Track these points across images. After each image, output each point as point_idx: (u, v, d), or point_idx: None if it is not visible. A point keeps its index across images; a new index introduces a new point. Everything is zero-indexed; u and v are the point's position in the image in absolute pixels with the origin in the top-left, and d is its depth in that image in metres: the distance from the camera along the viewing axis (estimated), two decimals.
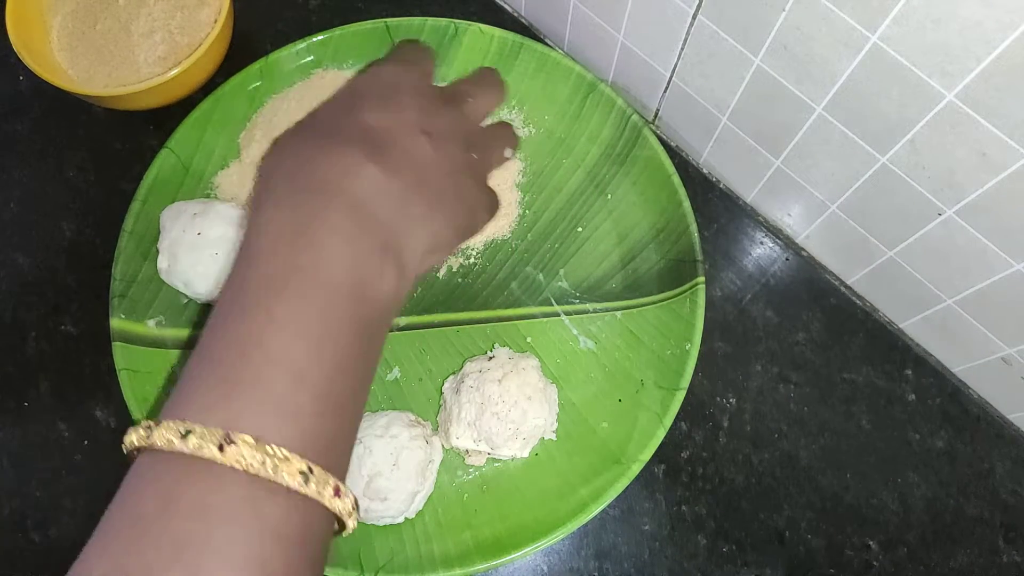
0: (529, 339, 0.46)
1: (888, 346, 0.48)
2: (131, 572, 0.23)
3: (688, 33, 0.43)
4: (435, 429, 0.44)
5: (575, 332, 0.46)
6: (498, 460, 0.43)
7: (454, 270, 0.48)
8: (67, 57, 0.50)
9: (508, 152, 0.39)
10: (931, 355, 0.48)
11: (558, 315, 0.47)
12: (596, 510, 0.41)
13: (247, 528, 0.24)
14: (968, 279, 0.40)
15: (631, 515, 0.44)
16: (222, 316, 0.28)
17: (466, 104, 0.37)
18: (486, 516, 0.42)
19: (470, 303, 0.47)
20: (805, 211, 0.47)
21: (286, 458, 0.25)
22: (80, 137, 0.52)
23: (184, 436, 0.25)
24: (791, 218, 0.49)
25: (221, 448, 0.24)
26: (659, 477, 0.45)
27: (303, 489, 0.25)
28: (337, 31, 0.51)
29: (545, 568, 0.43)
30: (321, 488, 0.26)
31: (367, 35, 0.51)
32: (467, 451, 0.43)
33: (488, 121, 0.39)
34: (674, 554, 0.43)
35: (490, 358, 0.43)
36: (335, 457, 0.28)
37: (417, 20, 0.51)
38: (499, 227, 0.49)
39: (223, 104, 0.49)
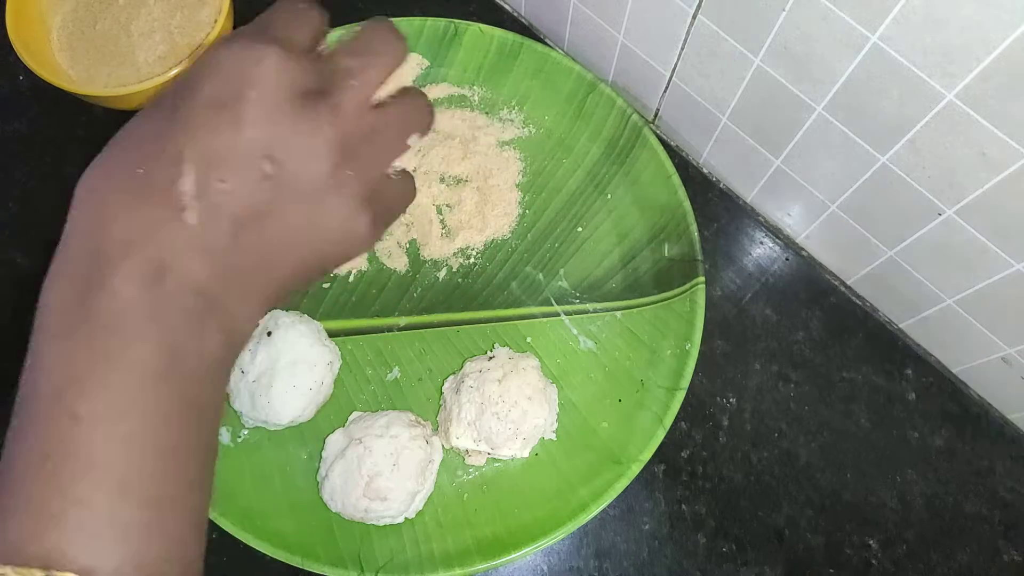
0: (529, 339, 0.46)
1: (888, 346, 0.48)
2: None
3: (688, 33, 0.43)
4: (435, 429, 0.44)
5: (575, 332, 0.46)
6: (498, 460, 0.43)
7: (454, 270, 0.48)
8: (67, 57, 0.50)
9: (413, 139, 0.30)
10: (931, 355, 0.48)
11: (558, 315, 0.47)
12: (596, 510, 0.41)
13: None
14: (968, 279, 0.40)
15: (631, 515, 0.44)
16: (23, 417, 0.24)
17: (346, 92, 0.27)
18: (486, 516, 0.42)
19: (470, 303, 0.47)
20: (805, 211, 0.47)
21: None
22: (80, 137, 0.52)
23: None
24: (791, 218, 0.49)
25: None
26: (659, 477, 0.45)
27: None
28: (337, 31, 0.51)
29: (545, 568, 0.43)
30: None
31: None
32: (467, 451, 0.43)
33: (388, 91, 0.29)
34: (674, 553, 0.43)
35: (490, 358, 0.43)
36: (183, 557, 0.24)
37: (417, 20, 0.51)
38: (499, 227, 0.49)
39: None
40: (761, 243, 0.50)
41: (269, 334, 0.42)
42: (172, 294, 0.25)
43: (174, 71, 0.46)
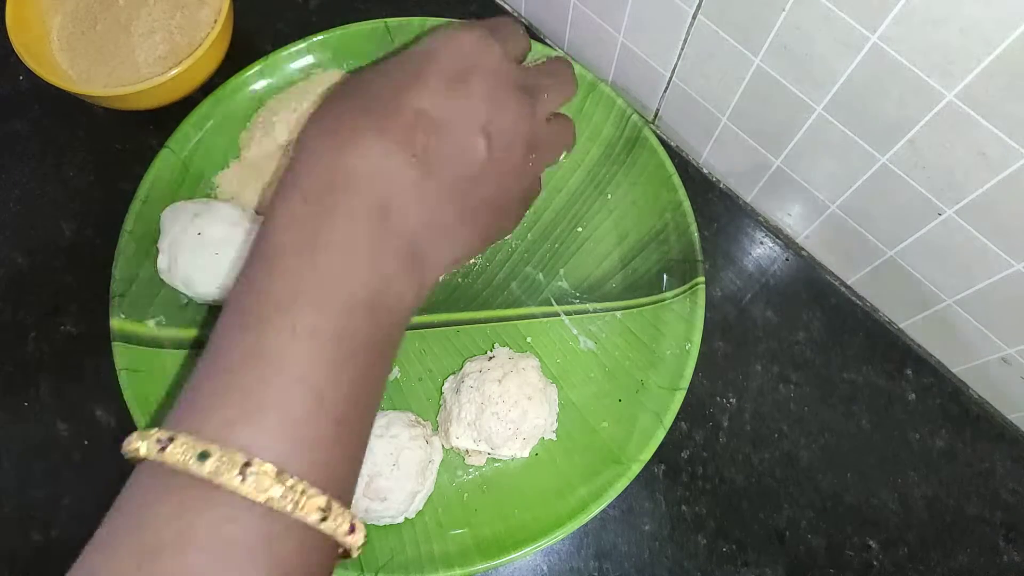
0: (529, 339, 0.46)
1: (888, 346, 0.48)
2: None
3: (688, 33, 0.43)
4: (435, 429, 0.44)
5: (575, 332, 0.46)
6: (498, 460, 0.43)
7: (454, 270, 0.48)
8: (67, 57, 0.50)
9: (563, 154, 0.36)
10: (931, 355, 0.48)
11: (558, 315, 0.47)
12: (596, 510, 0.41)
13: (262, 567, 0.23)
14: (968, 279, 0.40)
15: (631, 515, 0.44)
16: (237, 321, 0.26)
17: (541, 100, 0.33)
18: (486, 516, 0.42)
19: (470, 303, 0.47)
20: (805, 211, 0.47)
21: (305, 492, 0.23)
22: (80, 137, 0.52)
23: (201, 458, 0.23)
24: (791, 218, 0.49)
25: (241, 476, 0.23)
26: (659, 477, 0.45)
27: (320, 527, 0.24)
28: (337, 31, 0.51)
29: (545, 568, 0.43)
30: (338, 526, 0.24)
31: (367, 35, 0.51)
32: (467, 451, 0.43)
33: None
34: (674, 554, 0.43)
35: (490, 358, 0.43)
36: (349, 488, 0.26)
37: (417, 20, 0.51)
38: None
39: (223, 104, 0.49)
40: (761, 243, 0.50)
41: None
42: (391, 234, 0.27)
43: (174, 71, 0.46)
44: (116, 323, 0.44)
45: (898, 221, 0.41)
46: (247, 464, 0.23)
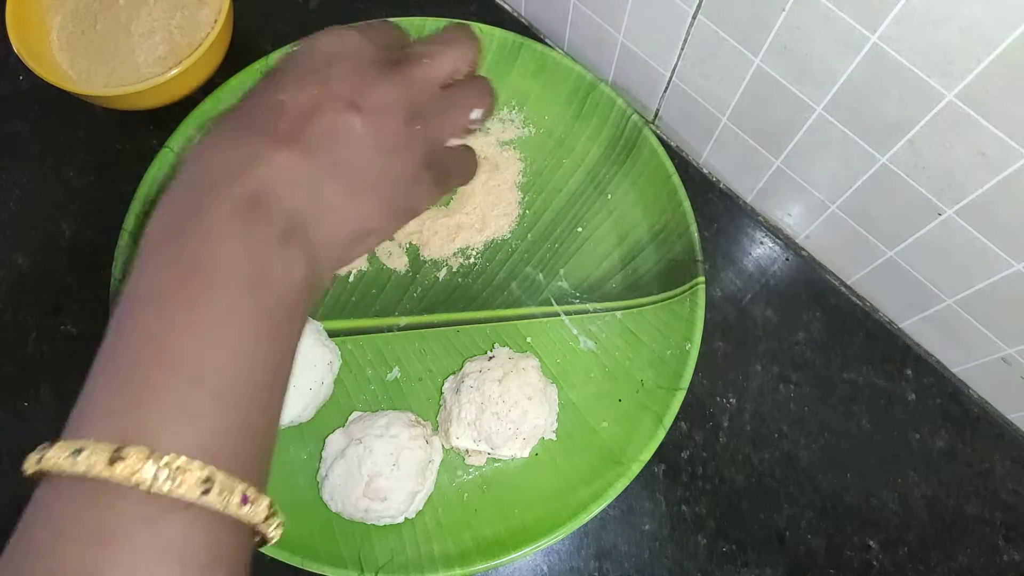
0: (529, 339, 0.46)
1: (888, 346, 0.48)
2: None
3: (688, 33, 0.43)
4: (435, 429, 0.44)
5: (575, 332, 0.46)
6: (498, 460, 0.43)
7: (454, 270, 0.48)
8: (67, 57, 0.50)
9: (476, 113, 0.35)
10: (931, 355, 0.48)
11: (558, 315, 0.47)
12: (596, 510, 0.41)
13: (145, 552, 0.23)
14: (968, 279, 0.40)
15: (631, 515, 0.44)
16: (116, 321, 0.27)
17: (419, 67, 0.33)
18: (486, 516, 0.42)
19: (470, 303, 0.47)
20: (805, 211, 0.47)
21: (182, 468, 0.23)
22: (80, 137, 0.52)
23: (74, 455, 0.23)
24: (791, 218, 0.49)
25: (112, 463, 0.22)
26: (659, 477, 0.45)
27: (203, 501, 0.23)
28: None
29: (545, 568, 0.43)
30: (226, 497, 0.24)
31: None
32: (467, 451, 0.43)
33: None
34: (674, 554, 0.43)
35: (490, 358, 0.43)
36: (246, 459, 0.26)
37: (417, 20, 0.51)
38: (499, 227, 0.49)
39: (223, 104, 0.49)
40: (761, 243, 0.50)
41: None
42: (264, 218, 0.28)
43: (174, 71, 0.46)
44: None
45: (898, 221, 0.41)
46: (118, 451, 0.23)
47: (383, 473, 0.39)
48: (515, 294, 0.47)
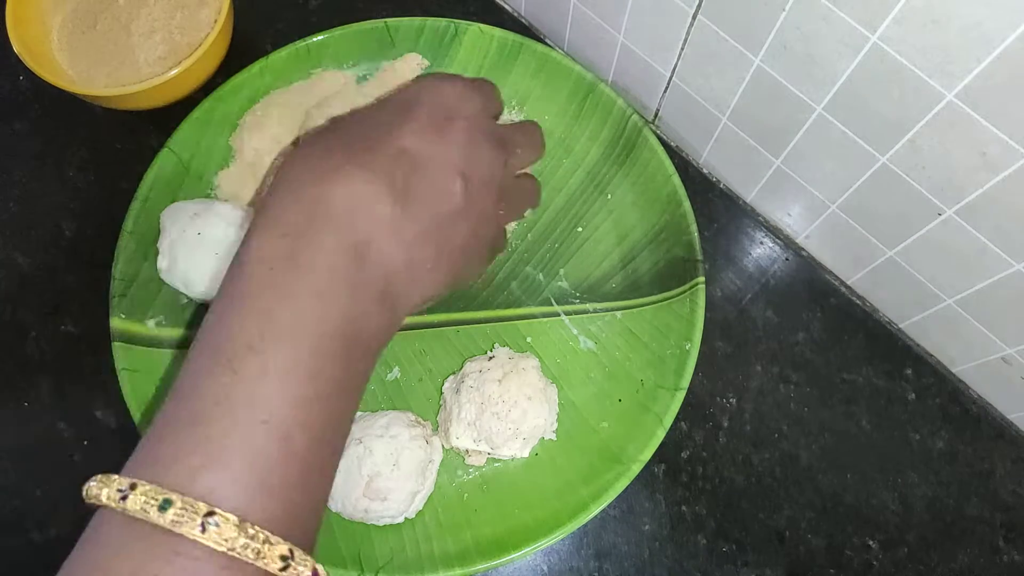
0: (529, 339, 0.46)
1: (888, 346, 0.48)
2: None
3: (688, 33, 0.43)
4: (435, 429, 0.44)
5: (575, 332, 0.46)
6: (498, 460, 0.43)
7: None
8: (67, 57, 0.50)
9: (528, 212, 0.38)
10: (931, 355, 0.48)
11: (558, 315, 0.47)
12: (596, 510, 0.41)
13: None
14: (968, 279, 0.40)
15: (631, 515, 0.44)
16: (206, 361, 0.25)
17: (513, 155, 0.34)
18: (486, 516, 0.42)
19: (470, 303, 0.47)
20: (805, 211, 0.47)
21: (268, 541, 0.23)
22: (80, 137, 0.52)
23: (163, 507, 0.22)
24: (791, 218, 0.49)
25: (203, 526, 0.22)
26: (659, 477, 0.45)
27: (282, 575, 0.23)
28: (337, 31, 0.51)
29: (545, 568, 0.43)
30: (299, 574, 0.24)
31: (367, 35, 0.51)
32: (467, 451, 0.43)
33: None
34: (674, 554, 0.43)
35: (490, 358, 0.43)
36: (312, 532, 0.26)
37: (417, 20, 0.51)
38: None
39: (223, 104, 0.49)
40: (761, 243, 0.50)
41: None
42: (368, 272, 0.27)
43: (174, 71, 0.46)
44: (116, 323, 0.44)
45: (898, 221, 0.41)
46: (210, 513, 0.22)
47: (383, 473, 0.39)
48: (515, 294, 0.47)
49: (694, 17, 0.41)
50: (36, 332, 0.48)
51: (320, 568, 0.25)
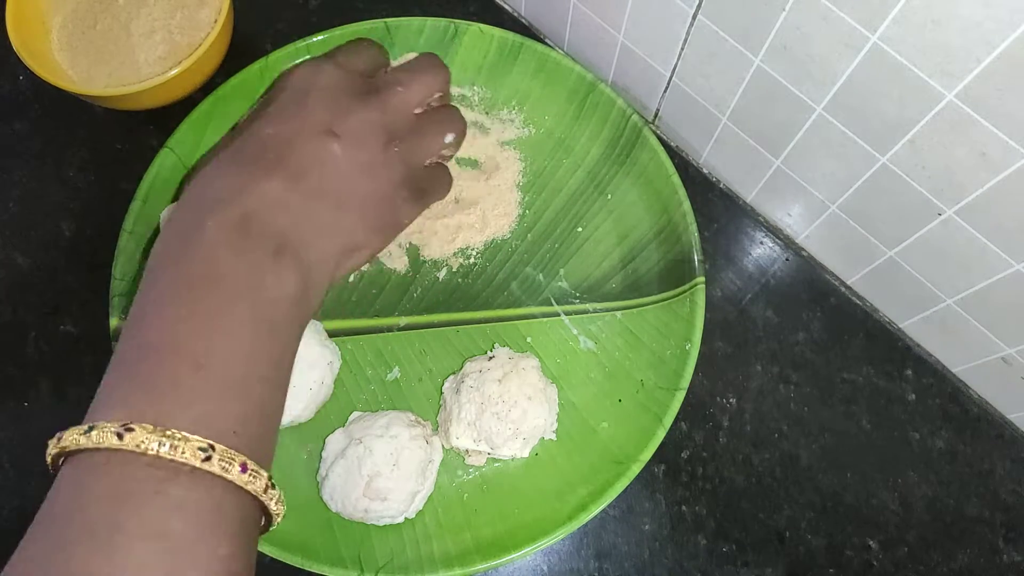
0: (529, 339, 0.46)
1: (888, 346, 0.48)
2: (50, 564, 0.24)
3: (688, 33, 0.43)
4: (435, 429, 0.44)
5: (575, 332, 0.46)
6: (498, 460, 0.43)
7: (454, 270, 0.48)
8: (67, 57, 0.50)
9: (448, 137, 0.39)
10: (931, 355, 0.48)
11: (558, 315, 0.47)
12: (596, 510, 0.41)
13: (155, 508, 0.25)
14: (968, 279, 0.40)
15: (631, 515, 0.44)
16: (127, 328, 0.30)
17: (393, 94, 0.37)
18: (486, 516, 0.42)
19: (470, 303, 0.47)
20: (805, 211, 0.47)
21: (184, 438, 0.26)
22: (80, 137, 0.52)
23: (87, 432, 0.26)
24: (791, 218, 0.49)
25: (120, 436, 0.25)
26: (659, 477, 0.45)
27: (205, 466, 0.26)
28: (337, 31, 0.51)
29: (545, 568, 0.43)
30: (226, 465, 0.26)
31: (367, 35, 0.51)
32: (467, 451, 0.43)
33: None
34: (674, 554, 0.43)
35: (490, 358, 0.43)
36: (247, 440, 0.28)
37: (417, 20, 0.51)
38: (499, 227, 0.49)
39: (223, 104, 0.49)
40: (761, 243, 0.50)
41: None
42: (255, 236, 0.31)
43: (174, 71, 0.46)
44: (116, 323, 0.44)
45: (898, 221, 0.41)
46: (126, 425, 0.26)
47: (383, 473, 0.39)
48: (515, 294, 0.47)
49: (694, 17, 0.41)
50: (36, 332, 0.48)
51: (252, 464, 0.27)
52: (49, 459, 0.28)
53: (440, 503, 0.42)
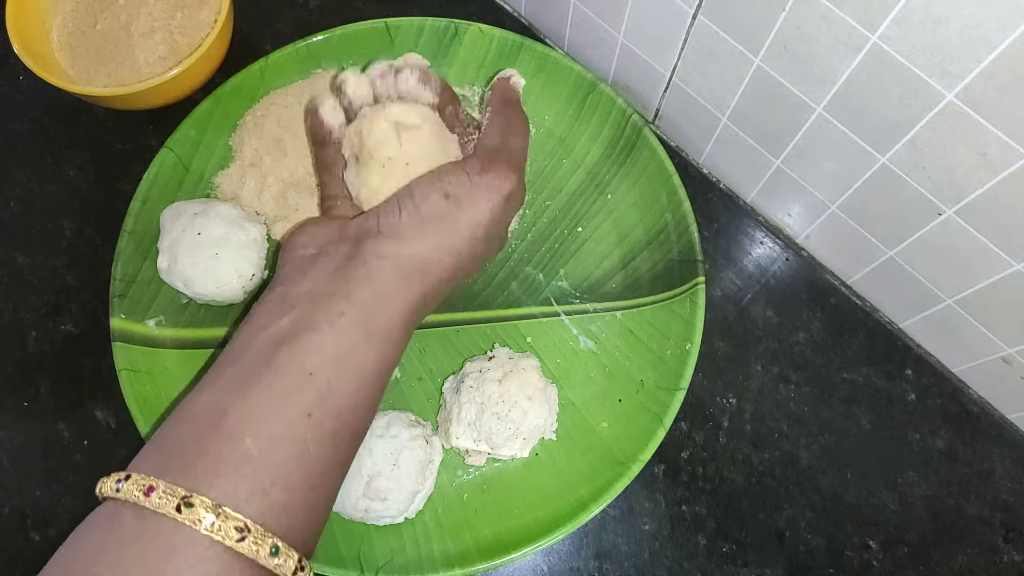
0: (529, 339, 0.46)
1: (888, 346, 0.48)
2: None
3: (688, 33, 0.43)
4: (435, 429, 0.44)
5: (575, 332, 0.46)
6: (498, 460, 0.43)
7: None
8: (67, 57, 0.50)
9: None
10: (931, 355, 0.48)
11: (558, 315, 0.47)
12: (596, 510, 0.41)
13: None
14: (968, 279, 0.40)
15: (631, 515, 0.44)
16: (223, 377, 0.31)
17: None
18: (486, 516, 0.42)
19: (470, 303, 0.47)
20: (805, 211, 0.47)
21: (246, 527, 0.26)
22: (80, 137, 0.52)
23: (147, 492, 0.26)
24: (791, 218, 0.49)
25: (179, 508, 0.26)
26: (659, 477, 0.45)
27: (239, 547, 0.26)
28: (337, 31, 0.51)
29: (545, 568, 0.43)
30: (258, 548, 0.27)
31: (367, 35, 0.51)
32: (467, 451, 0.43)
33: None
34: (674, 554, 0.43)
35: (490, 358, 0.43)
36: (303, 534, 0.29)
37: (417, 20, 0.51)
38: None
39: (223, 104, 0.49)
40: (761, 243, 0.50)
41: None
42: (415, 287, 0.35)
43: (174, 71, 0.46)
44: (116, 323, 0.44)
45: (898, 221, 0.41)
46: (186, 498, 0.26)
47: (383, 473, 0.39)
48: (515, 294, 0.47)
49: (694, 17, 0.41)
50: (36, 332, 0.48)
51: (307, 563, 0.28)
52: (101, 496, 0.28)
53: (440, 503, 0.42)
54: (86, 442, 0.45)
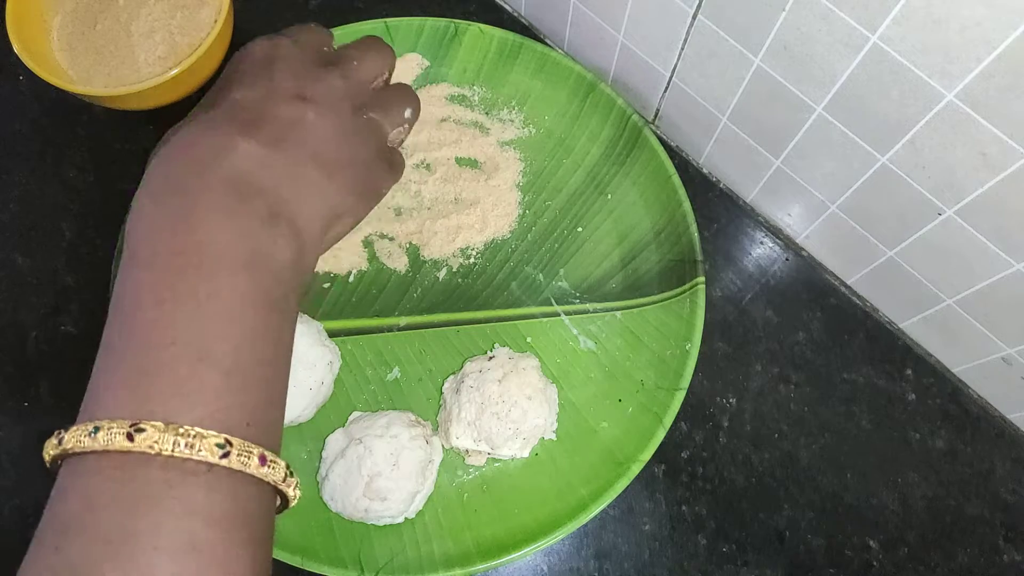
0: (529, 339, 0.46)
1: (888, 346, 0.48)
2: None
3: (688, 33, 0.43)
4: (435, 429, 0.44)
5: (575, 332, 0.46)
6: (498, 460, 0.43)
7: (454, 270, 0.48)
8: (67, 57, 0.50)
9: (408, 112, 0.39)
10: (931, 355, 0.48)
11: (558, 315, 0.47)
12: (596, 510, 0.41)
13: (173, 512, 0.24)
14: (968, 279, 0.40)
15: (631, 515, 0.44)
16: (117, 311, 0.28)
17: (351, 68, 0.37)
18: (486, 516, 0.42)
19: (470, 303, 0.47)
20: (805, 211, 0.47)
21: (199, 434, 0.25)
22: (80, 137, 0.52)
23: (93, 434, 0.25)
24: (791, 218, 0.49)
25: (130, 437, 0.24)
26: (659, 477, 0.45)
27: (224, 463, 0.25)
28: (337, 31, 0.51)
29: (545, 568, 0.43)
30: (245, 459, 0.25)
31: (367, 35, 0.51)
32: (467, 451, 0.43)
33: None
34: (674, 554, 0.43)
35: (490, 358, 0.43)
36: (258, 429, 0.27)
37: (417, 20, 0.51)
38: (499, 227, 0.49)
39: None
40: (761, 243, 0.50)
41: None
42: (246, 197, 0.29)
43: (174, 71, 0.46)
44: None
45: (898, 221, 0.41)
46: (135, 425, 0.24)
47: (383, 473, 0.39)
48: (515, 294, 0.47)
49: (694, 17, 0.41)
50: (36, 332, 0.48)
51: (269, 454, 0.26)
52: (48, 459, 0.26)
53: (440, 503, 0.42)
54: None
